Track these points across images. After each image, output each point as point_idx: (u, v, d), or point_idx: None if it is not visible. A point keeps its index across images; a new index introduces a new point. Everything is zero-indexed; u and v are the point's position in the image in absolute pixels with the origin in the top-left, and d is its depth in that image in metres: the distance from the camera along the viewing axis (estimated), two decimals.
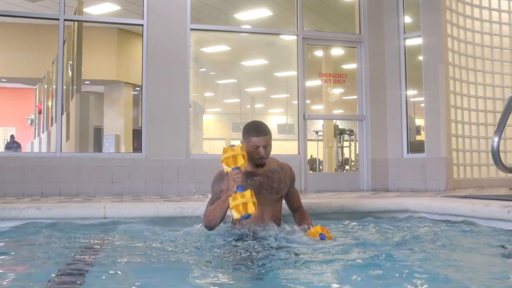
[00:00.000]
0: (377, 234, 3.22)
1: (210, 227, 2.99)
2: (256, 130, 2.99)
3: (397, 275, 2.11)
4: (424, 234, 3.21)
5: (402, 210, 4.29)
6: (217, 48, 9.83)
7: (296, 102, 6.90)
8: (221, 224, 3.01)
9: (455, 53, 6.91)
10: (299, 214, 3.32)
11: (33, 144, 14.04)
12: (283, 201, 3.26)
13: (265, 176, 3.09)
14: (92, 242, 3.04)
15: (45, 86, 12.72)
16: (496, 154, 4.02)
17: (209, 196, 3.15)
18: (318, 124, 11.23)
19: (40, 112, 13.28)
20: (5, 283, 2.00)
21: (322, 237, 2.87)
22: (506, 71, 7.46)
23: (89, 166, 5.98)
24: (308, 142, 7.08)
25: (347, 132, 10.46)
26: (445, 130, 6.39)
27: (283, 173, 3.18)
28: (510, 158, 7.25)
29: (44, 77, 12.81)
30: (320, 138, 10.95)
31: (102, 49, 12.33)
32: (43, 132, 12.17)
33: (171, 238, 2.99)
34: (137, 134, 11.42)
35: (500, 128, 4.10)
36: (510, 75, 7.47)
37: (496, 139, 4.04)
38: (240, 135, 3.10)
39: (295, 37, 6.93)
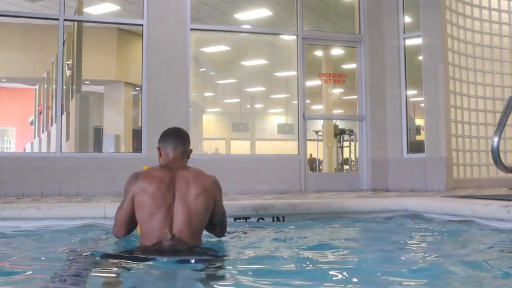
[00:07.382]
0: (376, 234, 3.23)
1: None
2: None
3: (397, 274, 2.11)
4: (423, 234, 3.22)
5: (402, 210, 4.29)
6: (217, 48, 9.83)
7: (296, 102, 6.90)
8: None
9: (455, 53, 6.91)
10: None
11: (33, 144, 14.02)
12: None
13: None
14: (92, 242, 3.03)
15: (45, 86, 12.71)
16: (496, 154, 4.02)
17: None
18: (318, 124, 11.22)
19: (40, 112, 13.25)
20: (3, 283, 1.99)
21: None
22: (506, 71, 7.45)
23: (89, 166, 5.98)
24: (308, 142, 7.07)
25: (347, 132, 10.46)
26: (445, 130, 6.39)
27: None
28: (510, 158, 7.24)
29: (44, 77, 12.80)
30: (320, 138, 10.95)
31: (102, 49, 12.31)
32: (43, 132, 12.16)
33: None
34: (137, 134, 11.38)
35: (500, 128, 4.10)
36: (510, 75, 7.46)
37: (496, 139, 4.04)
38: (240, 135, 3.09)
39: (295, 37, 6.93)
